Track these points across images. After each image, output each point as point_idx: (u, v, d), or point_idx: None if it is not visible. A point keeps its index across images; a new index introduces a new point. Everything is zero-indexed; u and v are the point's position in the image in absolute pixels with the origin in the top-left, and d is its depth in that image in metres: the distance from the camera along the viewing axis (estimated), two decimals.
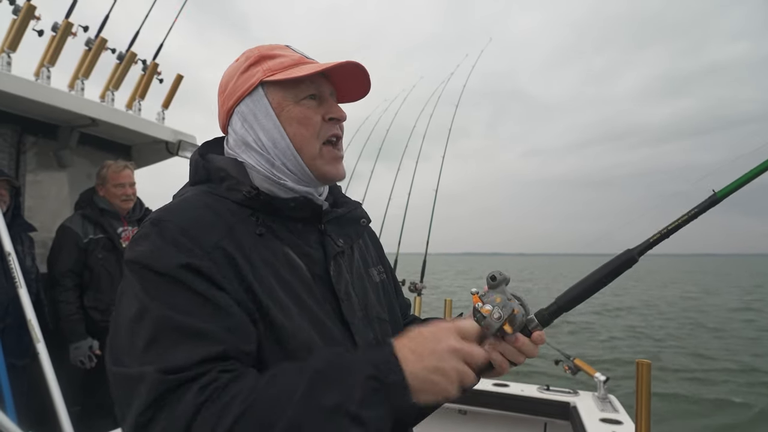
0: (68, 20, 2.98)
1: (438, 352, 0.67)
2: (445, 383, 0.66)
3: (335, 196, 0.99)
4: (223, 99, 0.89)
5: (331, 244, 0.88)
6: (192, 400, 0.60)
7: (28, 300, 2.15)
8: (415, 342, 0.69)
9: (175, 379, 0.61)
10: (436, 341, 0.68)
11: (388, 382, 0.64)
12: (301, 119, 0.84)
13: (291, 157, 0.85)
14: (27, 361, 2.54)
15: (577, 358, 2.89)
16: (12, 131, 2.98)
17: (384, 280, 1.01)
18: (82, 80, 3.10)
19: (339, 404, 0.61)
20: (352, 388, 0.62)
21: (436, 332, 0.70)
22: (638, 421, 1.71)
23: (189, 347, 0.64)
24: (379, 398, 0.63)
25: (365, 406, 0.62)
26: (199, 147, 0.93)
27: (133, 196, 2.99)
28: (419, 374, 0.65)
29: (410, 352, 0.67)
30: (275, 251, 0.80)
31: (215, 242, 0.73)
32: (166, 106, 3.63)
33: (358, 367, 0.65)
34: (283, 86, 0.85)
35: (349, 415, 0.61)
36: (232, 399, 0.60)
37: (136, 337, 0.65)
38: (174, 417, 0.59)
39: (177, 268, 0.68)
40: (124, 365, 0.65)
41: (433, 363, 0.66)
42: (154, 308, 0.66)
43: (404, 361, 0.66)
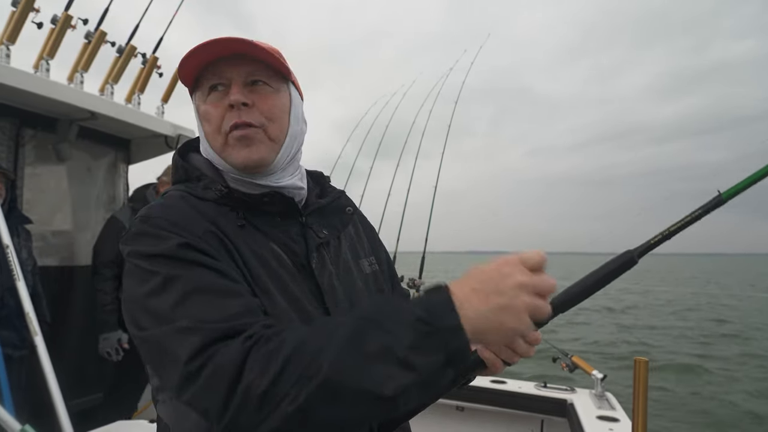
0: (68, 13, 2.96)
1: (504, 290, 0.60)
2: (515, 322, 0.60)
3: (322, 186, 0.98)
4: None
5: (313, 235, 0.88)
6: (239, 346, 0.60)
7: (26, 293, 2.15)
8: (477, 279, 0.62)
9: (215, 329, 0.62)
10: (501, 277, 0.61)
11: (441, 326, 0.59)
12: (204, 116, 0.84)
13: (213, 155, 0.86)
14: (24, 353, 2.54)
15: (575, 355, 2.90)
16: (11, 124, 2.97)
17: (376, 272, 1.00)
18: (81, 73, 3.08)
19: (384, 348, 0.58)
20: (400, 332, 0.59)
21: (500, 267, 0.63)
22: (635, 418, 1.71)
23: (222, 302, 0.65)
24: (432, 343, 0.58)
25: (415, 351, 0.58)
26: (180, 146, 0.94)
27: None
28: (483, 314, 0.60)
29: (472, 291, 0.61)
30: (259, 242, 0.81)
31: (204, 228, 0.75)
32: (166, 101, 3.62)
33: (410, 310, 0.60)
34: (192, 88, 0.86)
35: (396, 359, 0.57)
36: (278, 345, 0.60)
37: (161, 302, 0.66)
38: (222, 362, 0.59)
39: (178, 247, 0.70)
40: (157, 326, 0.65)
41: (500, 301, 0.60)
42: (175, 275, 0.67)
43: (465, 302, 0.60)
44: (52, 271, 3.20)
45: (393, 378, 0.57)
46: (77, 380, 3.00)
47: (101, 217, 3.62)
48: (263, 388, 0.57)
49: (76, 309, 3.32)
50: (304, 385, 0.57)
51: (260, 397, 0.57)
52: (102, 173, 3.62)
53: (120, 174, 3.76)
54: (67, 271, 3.35)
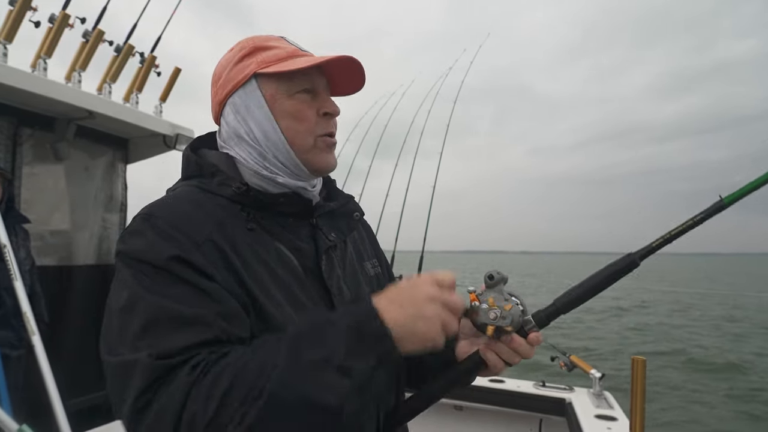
0: (65, 11, 2.95)
1: (417, 300, 0.67)
2: (429, 329, 0.66)
3: (329, 189, 0.98)
4: (216, 89, 0.88)
5: (323, 238, 0.88)
6: (184, 379, 0.60)
7: (23, 292, 2.15)
8: (393, 293, 0.69)
9: (168, 363, 0.61)
10: (413, 289, 0.68)
11: (370, 331, 0.64)
12: (295, 113, 0.84)
13: (283, 150, 0.84)
14: (22, 352, 2.54)
15: (573, 354, 2.90)
16: (8, 123, 2.96)
17: (379, 274, 1.01)
18: (79, 72, 3.08)
19: (324, 359, 0.62)
20: (335, 342, 0.63)
21: (413, 282, 0.70)
22: (633, 417, 1.71)
23: (181, 333, 0.64)
24: (363, 348, 0.63)
25: (350, 356, 0.62)
26: (192, 141, 0.92)
27: None
28: (400, 322, 0.65)
29: (389, 302, 0.67)
30: (266, 246, 0.79)
31: (205, 235, 0.73)
32: (164, 100, 3.61)
33: (338, 322, 0.65)
34: (277, 79, 0.83)
35: (335, 367, 0.61)
36: (221, 372, 0.61)
37: (129, 325, 0.65)
38: (168, 398, 0.59)
39: (168, 260, 0.68)
40: (118, 354, 0.65)
41: (414, 310, 0.66)
42: (146, 297, 0.66)
43: (384, 311, 0.66)
44: (50, 271, 3.20)
45: (334, 386, 0.61)
46: (75, 380, 2.99)
47: (99, 217, 3.61)
48: (210, 414, 0.58)
49: (74, 309, 3.32)
50: (249, 405, 0.59)
51: (207, 424, 0.58)
52: (100, 172, 3.62)
53: (118, 173, 3.75)
54: (66, 270, 3.34)
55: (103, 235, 3.63)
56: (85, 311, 3.38)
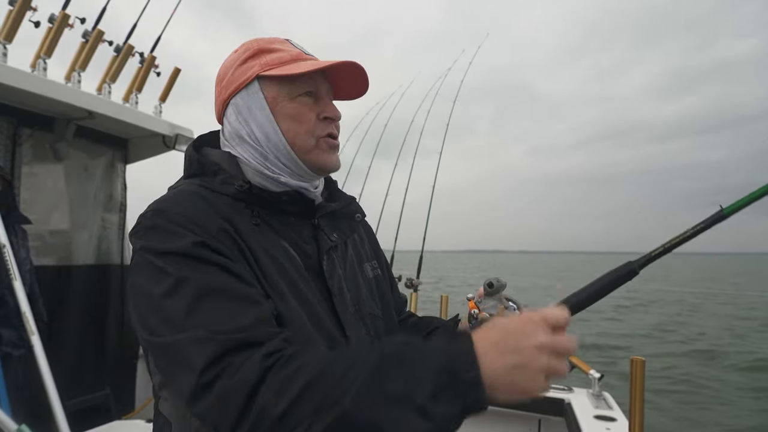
0: (65, 12, 2.95)
1: (523, 350, 0.60)
2: (528, 383, 0.60)
3: (330, 190, 0.98)
4: (220, 90, 0.89)
5: (325, 238, 0.88)
6: (259, 363, 0.59)
7: (23, 292, 2.14)
8: (499, 334, 0.62)
9: (237, 339, 0.61)
10: (522, 336, 0.61)
11: (463, 379, 0.58)
12: (295, 116, 0.84)
13: (284, 151, 0.84)
14: (23, 352, 2.55)
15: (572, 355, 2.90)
16: (8, 123, 2.96)
17: (378, 276, 1.01)
18: (78, 72, 3.08)
19: (406, 394, 0.58)
20: (422, 379, 0.58)
21: (523, 325, 0.63)
22: (632, 417, 1.72)
23: (237, 309, 0.64)
24: (451, 394, 0.58)
25: (434, 400, 0.58)
26: (194, 140, 0.92)
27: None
28: (499, 371, 0.59)
29: (492, 345, 0.61)
30: (272, 241, 0.80)
31: (218, 226, 0.73)
32: (164, 100, 3.61)
33: (433, 357, 0.60)
34: (280, 82, 0.84)
35: (416, 407, 0.57)
36: (298, 369, 0.59)
37: (174, 307, 0.64)
38: (240, 378, 0.59)
39: (193, 245, 0.69)
40: (168, 333, 0.64)
41: (517, 360, 0.60)
42: (189, 277, 0.66)
43: (483, 356, 0.60)
44: (50, 271, 3.19)
45: (409, 424, 0.57)
46: (74, 380, 2.99)
47: (99, 217, 3.61)
48: (279, 411, 0.57)
49: (73, 308, 3.31)
50: (321, 415, 0.57)
51: (275, 420, 0.57)
52: (99, 173, 3.61)
53: (117, 173, 3.75)
54: (65, 270, 3.34)
55: (103, 235, 3.63)
56: (85, 311, 3.38)
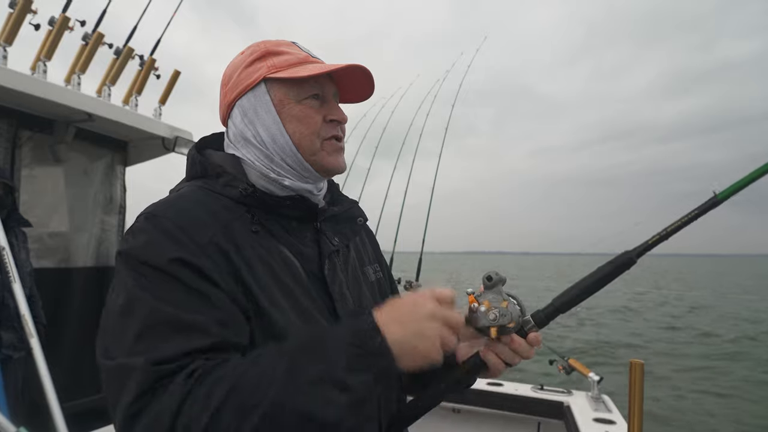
0: (65, 14, 2.96)
1: (418, 317, 0.67)
2: (427, 346, 0.66)
3: (333, 194, 0.98)
4: (225, 91, 0.88)
5: (327, 242, 0.88)
6: (179, 388, 0.60)
7: (23, 295, 2.14)
8: (394, 309, 0.69)
9: (163, 370, 0.61)
10: (415, 307, 0.68)
11: (370, 348, 0.64)
12: (302, 118, 0.84)
13: (290, 153, 0.84)
14: (23, 354, 2.55)
15: (572, 358, 2.90)
16: (8, 125, 2.96)
17: (380, 279, 1.01)
18: (78, 75, 3.08)
19: (322, 373, 0.61)
20: (335, 357, 0.63)
21: (414, 298, 0.70)
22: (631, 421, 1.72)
23: (178, 339, 0.64)
24: (363, 363, 0.63)
25: (349, 372, 0.62)
26: (197, 142, 0.92)
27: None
28: (400, 339, 0.65)
29: (390, 318, 0.67)
30: (270, 249, 0.79)
31: (209, 237, 0.73)
32: (163, 102, 3.62)
33: (339, 337, 0.65)
34: (286, 84, 0.84)
35: (334, 382, 0.61)
36: (216, 382, 0.60)
37: (126, 329, 0.65)
38: (162, 406, 0.59)
39: (170, 262, 0.68)
40: (113, 357, 0.64)
41: (414, 328, 0.66)
42: (144, 301, 0.66)
43: (384, 327, 0.66)
44: (49, 273, 3.19)
45: (332, 401, 0.60)
46: (73, 382, 2.99)
47: (98, 219, 3.61)
48: (203, 424, 0.58)
49: (72, 311, 3.31)
50: (246, 416, 0.58)
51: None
52: (99, 175, 3.62)
53: (117, 176, 3.75)
54: (64, 272, 3.34)
55: (102, 237, 3.63)
56: (84, 313, 3.37)
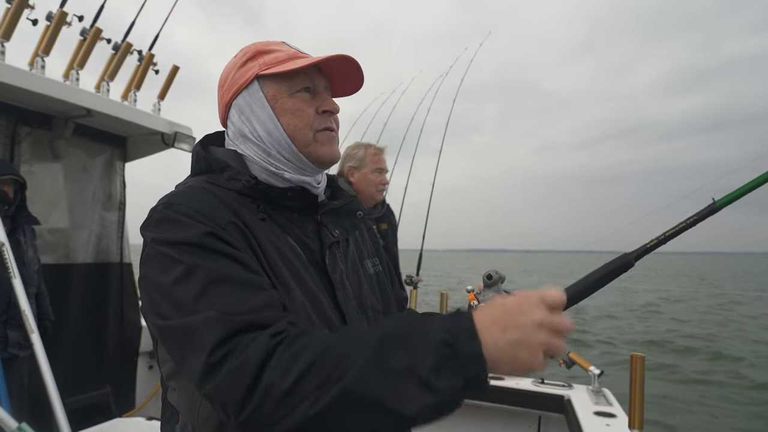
0: (63, 9, 2.95)
1: (522, 325, 0.62)
2: (528, 357, 0.62)
3: (333, 189, 1.01)
4: (222, 93, 0.93)
5: (327, 234, 0.91)
6: (265, 342, 0.62)
7: (22, 290, 2.14)
8: (499, 312, 0.65)
9: (239, 320, 0.63)
10: (521, 313, 0.63)
11: (463, 351, 0.60)
12: (295, 111, 0.87)
13: (286, 146, 0.88)
14: (29, 353, 2.55)
15: (572, 351, 2.90)
16: (6, 121, 2.95)
17: (379, 272, 1.04)
18: (76, 70, 3.07)
19: (408, 367, 0.60)
20: (424, 353, 0.60)
21: (521, 303, 0.65)
22: (632, 413, 1.72)
23: (246, 294, 0.67)
24: (453, 367, 0.60)
25: (436, 373, 0.59)
26: (201, 139, 0.96)
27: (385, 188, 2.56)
28: (500, 346, 0.61)
29: (492, 322, 0.63)
30: (277, 235, 0.83)
31: (228, 219, 0.76)
32: (162, 98, 3.61)
33: (434, 332, 0.62)
34: (278, 79, 0.87)
35: (419, 379, 0.59)
36: (303, 347, 0.62)
37: (185, 292, 0.67)
38: (247, 356, 0.61)
39: (204, 236, 0.72)
40: (182, 316, 0.66)
41: (516, 336, 0.62)
42: (200, 264, 0.69)
43: (484, 331, 0.62)
44: (49, 269, 3.19)
45: (413, 397, 0.59)
46: (74, 378, 2.99)
47: (98, 215, 3.60)
48: (285, 387, 0.60)
49: (73, 306, 3.31)
50: (325, 390, 0.59)
51: (281, 396, 0.60)
52: (98, 171, 3.61)
53: (116, 171, 3.74)
54: (64, 268, 3.34)
55: (102, 233, 3.62)
56: (84, 309, 3.37)
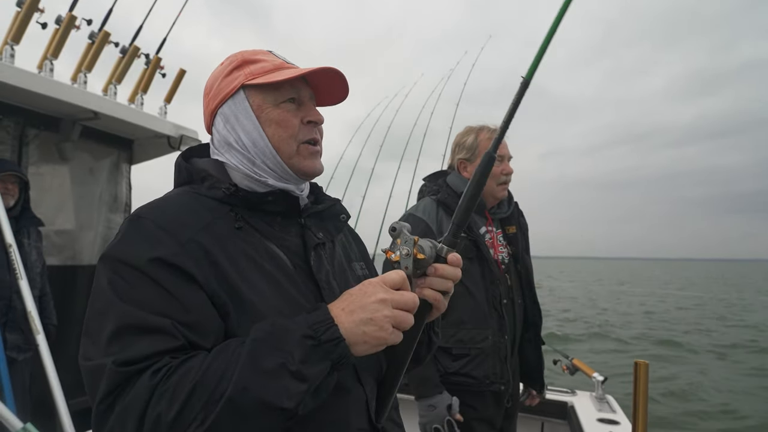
0: (72, 13, 2.98)
1: (366, 305, 0.72)
2: (377, 332, 0.71)
3: (316, 194, 1.02)
4: (208, 101, 0.93)
5: (311, 236, 0.92)
6: (146, 383, 0.64)
7: (29, 292, 2.16)
8: (345, 301, 0.75)
9: (130, 370, 0.65)
10: (363, 296, 0.74)
11: (324, 339, 0.69)
12: (280, 121, 0.88)
13: (270, 156, 0.89)
14: (28, 356, 2.56)
15: (576, 358, 2.90)
16: (15, 123, 2.98)
17: (366, 275, 1.04)
18: (84, 73, 3.10)
19: (280, 365, 0.66)
20: (291, 349, 0.68)
21: (363, 288, 0.76)
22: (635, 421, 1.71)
23: (145, 342, 0.68)
24: (318, 354, 0.69)
25: (305, 363, 0.67)
26: (183, 152, 0.97)
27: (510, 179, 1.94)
28: (351, 328, 0.71)
29: (340, 310, 0.73)
30: (255, 244, 0.83)
31: (191, 236, 0.76)
32: (169, 101, 3.63)
33: (295, 330, 0.70)
34: (263, 90, 0.89)
35: (291, 373, 0.66)
36: (183, 376, 0.65)
37: (101, 331, 0.69)
38: (131, 401, 0.64)
39: (148, 262, 0.72)
40: (90, 359, 0.69)
41: (363, 315, 0.72)
42: (116, 304, 0.70)
43: (336, 319, 0.71)
44: (55, 271, 3.21)
45: (290, 390, 0.66)
46: (78, 379, 2.99)
47: (103, 217, 3.63)
48: (172, 415, 0.62)
49: (78, 308, 3.33)
50: (212, 406, 0.63)
51: (170, 423, 0.62)
52: (105, 173, 3.63)
53: (122, 174, 3.77)
54: (70, 270, 3.36)
55: (107, 235, 3.65)
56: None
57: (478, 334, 1.78)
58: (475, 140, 1.92)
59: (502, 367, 1.81)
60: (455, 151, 2.01)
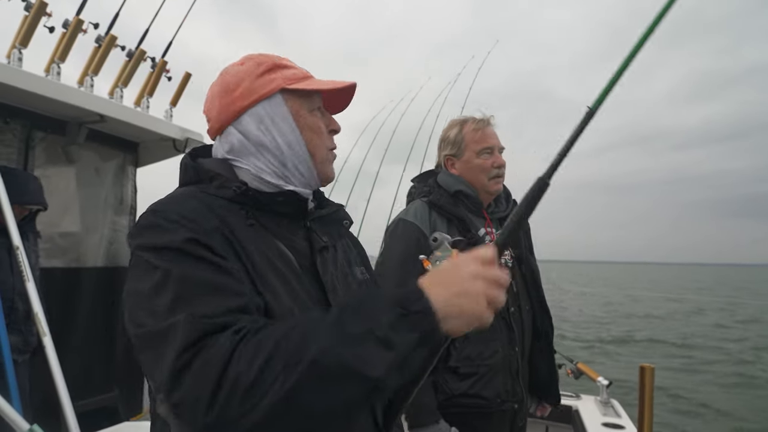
0: (79, 17, 3.00)
1: (460, 278, 0.69)
2: (474, 305, 0.68)
3: (319, 199, 1.04)
4: (231, 99, 0.90)
5: (317, 239, 0.93)
6: (228, 340, 0.63)
7: (35, 293, 2.17)
8: (437, 274, 0.72)
9: (209, 323, 0.64)
10: (457, 269, 0.71)
11: (413, 309, 0.65)
12: (314, 128, 0.93)
13: (303, 161, 0.92)
14: (27, 357, 2.57)
15: (581, 362, 2.89)
16: (21, 126, 3.00)
17: (367, 280, 1.06)
18: (91, 77, 3.12)
19: (366, 330, 0.63)
20: (379, 315, 0.65)
21: (456, 262, 0.72)
22: (641, 425, 1.70)
23: (216, 298, 0.67)
24: (407, 323, 0.65)
25: (393, 329, 0.63)
26: (189, 152, 0.97)
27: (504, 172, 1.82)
28: (445, 300, 0.67)
29: (433, 284, 0.69)
30: (267, 241, 0.84)
31: (212, 226, 0.76)
32: (174, 104, 3.65)
33: (384, 299, 0.67)
34: (300, 96, 0.92)
35: (378, 338, 0.63)
36: (266, 335, 0.64)
37: (160, 299, 0.67)
38: (212, 357, 0.61)
39: (186, 241, 0.72)
40: (153, 324, 0.67)
41: (457, 288, 0.68)
42: (175, 271, 0.69)
43: (428, 289, 0.67)
44: (59, 273, 3.22)
45: (374, 358, 0.62)
46: (83, 381, 3.01)
47: (109, 219, 3.65)
48: (252, 377, 0.60)
49: (82, 310, 3.34)
50: (291, 370, 0.61)
51: (248, 386, 0.60)
52: (110, 176, 3.65)
53: (128, 177, 3.78)
54: (74, 272, 3.37)
55: (113, 237, 3.66)
56: (94, 313, 3.40)
57: (486, 349, 1.63)
58: (460, 132, 1.81)
59: (513, 383, 1.68)
60: (441, 148, 1.89)
